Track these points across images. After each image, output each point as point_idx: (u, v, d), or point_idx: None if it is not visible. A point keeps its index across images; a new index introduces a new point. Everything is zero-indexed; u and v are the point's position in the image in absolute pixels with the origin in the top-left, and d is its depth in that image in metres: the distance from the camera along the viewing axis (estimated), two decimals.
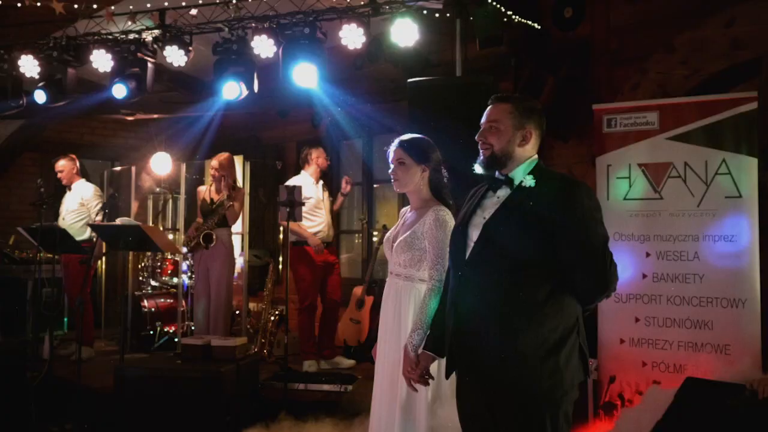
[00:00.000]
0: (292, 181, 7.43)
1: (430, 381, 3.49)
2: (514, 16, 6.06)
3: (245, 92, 6.60)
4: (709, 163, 5.45)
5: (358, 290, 8.39)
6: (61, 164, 8.21)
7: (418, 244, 3.87)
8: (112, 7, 6.50)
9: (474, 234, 3.09)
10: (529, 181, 3.01)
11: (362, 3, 6.16)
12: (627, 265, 5.71)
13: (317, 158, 7.66)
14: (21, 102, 7.34)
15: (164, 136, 11.06)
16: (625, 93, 6.62)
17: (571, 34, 7.04)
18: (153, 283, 9.19)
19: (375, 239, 9.06)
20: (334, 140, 9.79)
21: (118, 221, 6.96)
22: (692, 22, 6.40)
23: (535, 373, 2.86)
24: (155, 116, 9.98)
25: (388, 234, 4.16)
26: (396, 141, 4.03)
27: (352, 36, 6.11)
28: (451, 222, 3.76)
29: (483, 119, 3.18)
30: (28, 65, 7.05)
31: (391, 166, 3.99)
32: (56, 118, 10.05)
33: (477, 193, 3.23)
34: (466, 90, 5.48)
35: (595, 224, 2.92)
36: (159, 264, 9.12)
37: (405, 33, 5.94)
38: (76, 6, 6.21)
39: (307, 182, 7.50)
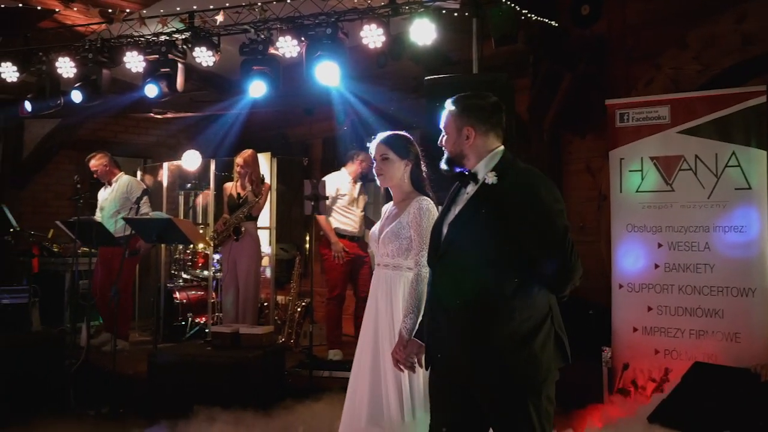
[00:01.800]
0: (330, 177, 7.72)
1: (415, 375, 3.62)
2: (530, 15, 6.23)
3: (270, 90, 6.82)
4: (720, 156, 5.61)
5: None
6: (93, 163, 8.40)
7: (404, 233, 4.00)
8: (144, 11, 6.76)
9: (446, 231, 3.21)
10: (492, 179, 3.07)
11: (382, 4, 6.35)
12: (639, 255, 5.89)
13: (362, 161, 7.86)
14: (59, 102, 7.64)
15: (194, 133, 11.35)
16: (640, 89, 6.75)
17: (587, 32, 7.19)
18: (184, 276, 9.48)
19: None
20: (357, 136, 9.99)
21: (151, 214, 7.24)
22: (705, 19, 6.51)
23: (510, 364, 2.92)
24: (185, 114, 10.24)
25: (373, 229, 4.28)
26: (377, 138, 4.17)
27: (372, 36, 6.32)
28: (434, 211, 3.91)
29: None
30: (65, 66, 7.33)
31: (374, 162, 4.12)
32: (91, 117, 10.39)
33: (454, 190, 3.33)
34: (481, 87, 5.64)
35: (555, 216, 2.96)
36: (190, 257, 9.40)
37: (423, 32, 6.13)
38: (110, 11, 6.45)
39: (344, 179, 7.79)
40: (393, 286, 4.07)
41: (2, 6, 6.99)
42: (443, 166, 3.28)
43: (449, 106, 3.29)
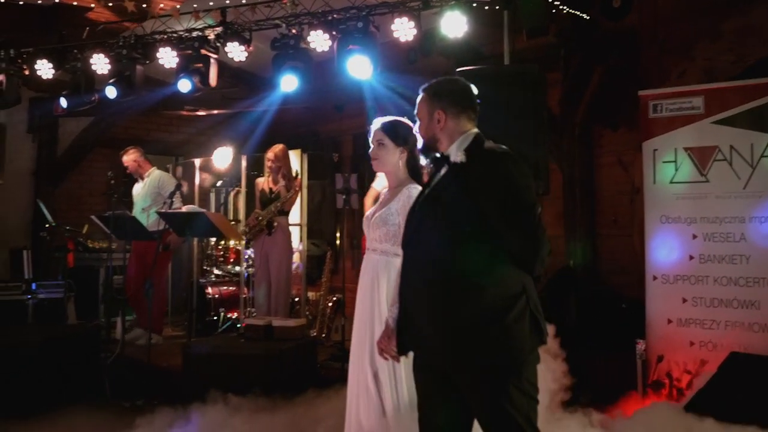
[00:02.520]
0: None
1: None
2: (561, 7, 6.20)
3: (302, 84, 6.86)
4: (755, 146, 5.56)
5: None
6: (125, 159, 8.55)
7: (393, 219, 4.02)
8: (178, 6, 6.82)
9: (417, 211, 3.25)
10: (461, 158, 3.11)
11: None
12: (674, 247, 5.85)
13: None
14: (93, 98, 7.73)
15: (224, 131, 11.43)
16: (673, 80, 6.71)
17: (619, 24, 7.14)
18: (216, 271, 9.55)
19: None
20: None
21: (185, 209, 7.30)
22: (739, 9, 6.45)
23: (481, 342, 2.91)
24: (216, 111, 10.32)
25: (367, 213, 4.31)
26: (376, 122, 4.19)
27: (403, 29, 6.32)
28: None
29: None
30: (100, 63, 7.42)
31: (372, 146, 4.14)
32: (124, 115, 10.52)
33: (431, 175, 3.37)
34: (513, 78, 5.65)
35: (522, 192, 2.98)
36: (222, 253, 9.48)
37: (455, 25, 6.13)
38: (144, 5, 6.52)
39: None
40: (379, 272, 4.10)
41: (39, 2, 7.05)
42: (419, 152, 3.37)
43: (421, 92, 3.32)
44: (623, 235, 7.41)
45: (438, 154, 3.23)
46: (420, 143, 3.30)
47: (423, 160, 4.03)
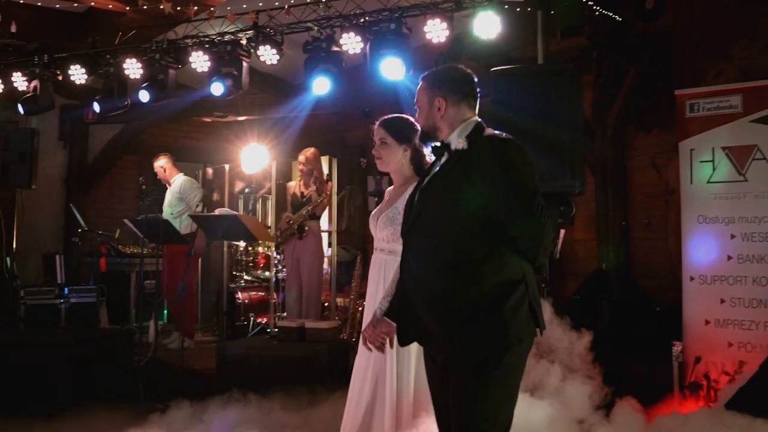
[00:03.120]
0: None
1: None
2: (595, 7, 6.18)
3: (334, 87, 6.86)
4: None
5: None
6: (155, 167, 8.69)
7: (399, 218, 3.84)
8: (212, 8, 6.86)
9: (416, 200, 3.21)
10: (462, 144, 3.06)
11: None
12: (712, 247, 5.80)
13: None
14: (126, 102, 7.78)
15: (253, 138, 11.47)
16: (708, 81, 6.65)
17: (652, 25, 7.10)
18: (246, 277, 9.56)
19: None
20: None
21: (217, 212, 7.33)
22: None
23: (474, 329, 2.88)
24: (246, 118, 10.36)
25: (373, 213, 4.27)
26: (378, 121, 4.15)
27: (436, 30, 6.31)
28: None
29: None
30: (132, 68, 7.46)
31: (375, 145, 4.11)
32: (153, 122, 10.59)
33: (430, 164, 3.34)
34: (548, 78, 5.62)
35: (525, 178, 2.94)
36: (251, 259, 9.50)
37: (487, 26, 6.10)
38: (179, 8, 6.56)
39: None
40: (387, 271, 4.04)
41: (76, 4, 7.12)
42: (418, 141, 3.37)
43: (421, 80, 3.28)
44: (656, 238, 7.35)
45: (438, 143, 3.18)
46: (419, 132, 3.27)
47: (427, 153, 4.03)
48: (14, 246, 8.19)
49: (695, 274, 5.87)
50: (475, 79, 3.27)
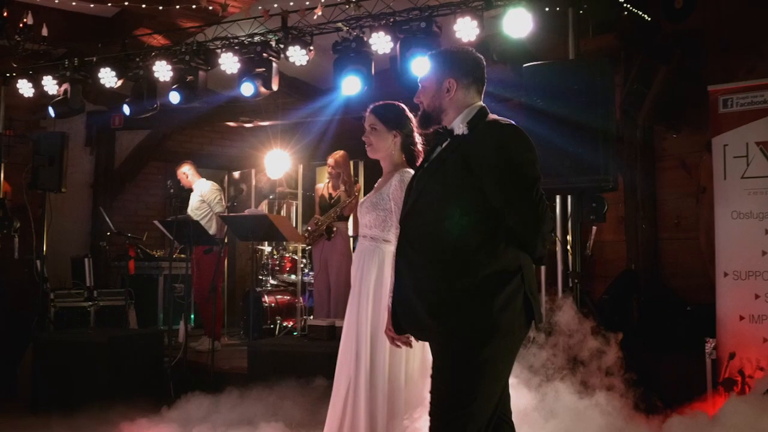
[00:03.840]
0: None
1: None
2: (625, 4, 6.19)
3: (364, 87, 6.89)
4: None
5: None
6: (180, 172, 8.78)
7: (383, 204, 3.97)
8: (257, 8, 6.90)
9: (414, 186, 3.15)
10: (463, 129, 2.99)
11: None
12: (747, 243, 5.75)
13: None
14: (155, 104, 7.85)
15: (279, 144, 11.52)
16: (740, 78, 6.61)
17: (682, 24, 7.09)
18: (272, 281, 9.59)
19: None
20: None
21: (246, 212, 7.36)
22: None
23: (461, 317, 2.83)
24: (272, 123, 10.41)
25: (361, 200, 4.26)
26: (369, 108, 4.15)
27: (466, 28, 6.33)
28: None
29: None
30: (162, 70, 7.53)
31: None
32: (179, 127, 10.68)
33: (429, 149, 3.25)
34: (582, 72, 5.62)
35: (524, 166, 2.88)
36: (278, 262, 9.52)
37: (518, 23, 6.12)
38: (210, 8, 6.62)
39: None
40: (366, 258, 4.05)
41: (109, 3, 7.18)
42: (419, 125, 3.26)
43: (430, 58, 3.21)
44: (686, 238, 7.30)
45: (441, 129, 3.10)
46: (421, 113, 3.16)
47: (418, 139, 3.97)
48: (44, 249, 8.22)
49: (729, 269, 5.82)
50: (485, 65, 3.20)
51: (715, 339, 5.83)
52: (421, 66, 6.44)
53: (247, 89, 7.13)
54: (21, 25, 7.34)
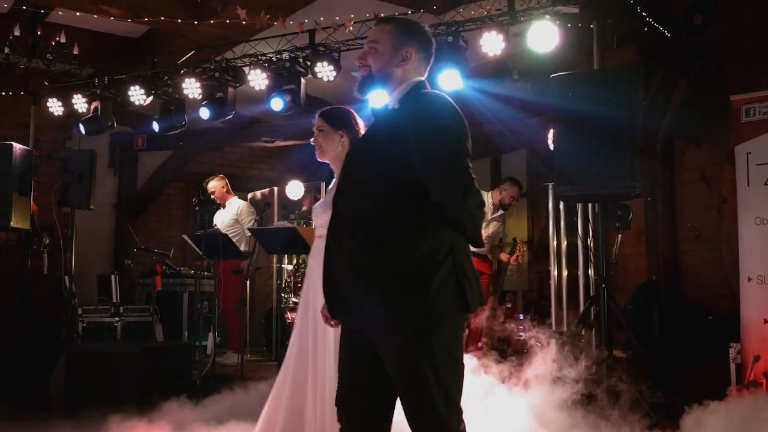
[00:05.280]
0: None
1: None
2: (647, 18, 6.35)
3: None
4: None
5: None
6: (212, 185, 8.84)
7: None
8: (275, 22, 7.07)
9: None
10: (394, 104, 2.91)
11: (501, 10, 6.54)
12: None
13: (501, 191, 8.18)
14: (183, 121, 8.02)
15: (298, 167, 11.67)
16: (762, 88, 6.73)
17: (701, 39, 7.25)
18: (294, 299, 9.66)
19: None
20: None
21: (275, 224, 7.47)
22: None
23: (398, 305, 2.69)
24: (294, 143, 10.55)
25: (317, 203, 4.36)
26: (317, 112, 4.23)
27: (492, 42, 6.49)
28: None
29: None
30: (191, 88, 7.71)
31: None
32: (201, 149, 10.86)
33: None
34: (609, 81, 5.75)
35: (449, 139, 2.77)
36: (300, 279, 9.60)
37: (544, 37, 6.27)
38: (245, 22, 6.80)
39: (486, 200, 8.04)
40: (320, 256, 4.08)
41: (147, 19, 7.37)
42: (358, 89, 3.04)
43: (382, 23, 3.09)
44: (707, 249, 7.41)
45: (377, 106, 3.02)
46: (367, 75, 2.97)
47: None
48: (73, 265, 8.35)
49: (753, 274, 5.90)
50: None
51: (739, 344, 5.92)
52: (448, 79, 6.63)
53: (276, 104, 7.29)
54: (53, 43, 7.55)
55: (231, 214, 8.77)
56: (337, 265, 2.86)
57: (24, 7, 7.26)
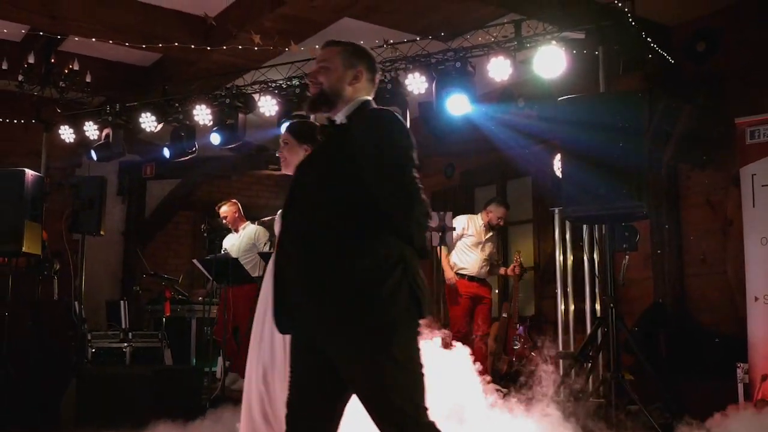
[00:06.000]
0: (461, 216, 8.28)
1: None
2: (652, 44, 6.47)
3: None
4: None
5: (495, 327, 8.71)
6: (224, 210, 8.84)
7: None
8: (289, 47, 7.21)
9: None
10: (342, 119, 2.97)
11: (508, 37, 6.67)
12: None
13: (488, 212, 8.29)
14: (194, 147, 8.13)
15: None
16: (765, 110, 6.82)
17: (704, 67, 7.36)
18: None
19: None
20: (467, 187, 10.30)
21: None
22: None
23: (351, 311, 2.71)
24: None
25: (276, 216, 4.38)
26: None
27: (499, 68, 6.60)
28: None
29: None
30: (201, 114, 7.83)
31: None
32: (208, 177, 10.96)
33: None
34: (616, 103, 5.86)
35: (394, 149, 2.84)
36: None
37: (551, 62, 6.38)
38: (257, 48, 6.92)
39: (476, 222, 8.20)
40: None
41: (161, 45, 7.50)
42: (309, 106, 3.13)
43: (331, 46, 3.11)
44: (713, 273, 7.46)
45: (326, 119, 3.04)
46: (318, 93, 3.02)
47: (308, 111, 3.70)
48: (83, 291, 8.41)
49: (759, 294, 5.98)
50: None
51: (746, 364, 5.97)
52: (457, 104, 6.75)
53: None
54: (66, 70, 7.67)
55: (247, 239, 8.75)
56: (286, 278, 2.88)
57: (41, 33, 7.36)
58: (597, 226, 6.63)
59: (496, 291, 8.78)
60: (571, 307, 7.77)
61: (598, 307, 7.51)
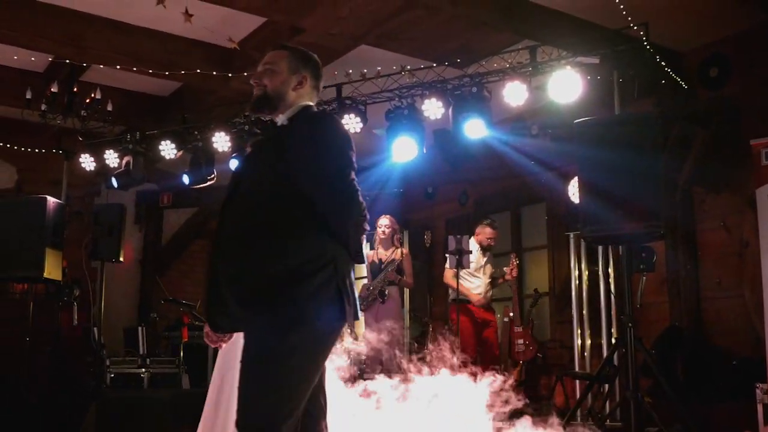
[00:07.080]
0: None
1: None
2: (666, 69, 6.56)
3: (417, 152, 7.23)
4: None
5: None
6: None
7: None
8: None
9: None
10: (283, 120, 3.03)
11: (523, 63, 6.77)
12: None
13: (478, 234, 8.35)
14: (213, 174, 8.24)
15: None
16: None
17: (718, 92, 7.43)
18: None
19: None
20: (481, 214, 10.35)
21: None
22: None
23: (272, 304, 2.75)
24: None
25: None
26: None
27: (515, 93, 6.70)
28: None
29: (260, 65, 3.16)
30: (221, 141, 7.95)
31: None
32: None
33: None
34: (631, 125, 5.93)
35: (331, 152, 2.87)
36: None
37: (566, 87, 6.47)
38: None
39: (472, 247, 8.18)
40: None
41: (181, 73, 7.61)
42: (252, 108, 3.17)
43: (278, 49, 3.18)
44: (729, 296, 7.47)
45: (267, 121, 3.14)
46: (261, 95, 3.07)
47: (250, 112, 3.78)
48: (102, 317, 8.47)
49: None
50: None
51: (766, 384, 5.97)
52: (473, 128, 6.84)
53: None
54: (88, 100, 7.80)
55: None
56: (220, 276, 2.87)
57: (66, 61, 7.49)
58: (612, 248, 6.67)
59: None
60: (587, 332, 7.80)
61: (614, 330, 7.56)
